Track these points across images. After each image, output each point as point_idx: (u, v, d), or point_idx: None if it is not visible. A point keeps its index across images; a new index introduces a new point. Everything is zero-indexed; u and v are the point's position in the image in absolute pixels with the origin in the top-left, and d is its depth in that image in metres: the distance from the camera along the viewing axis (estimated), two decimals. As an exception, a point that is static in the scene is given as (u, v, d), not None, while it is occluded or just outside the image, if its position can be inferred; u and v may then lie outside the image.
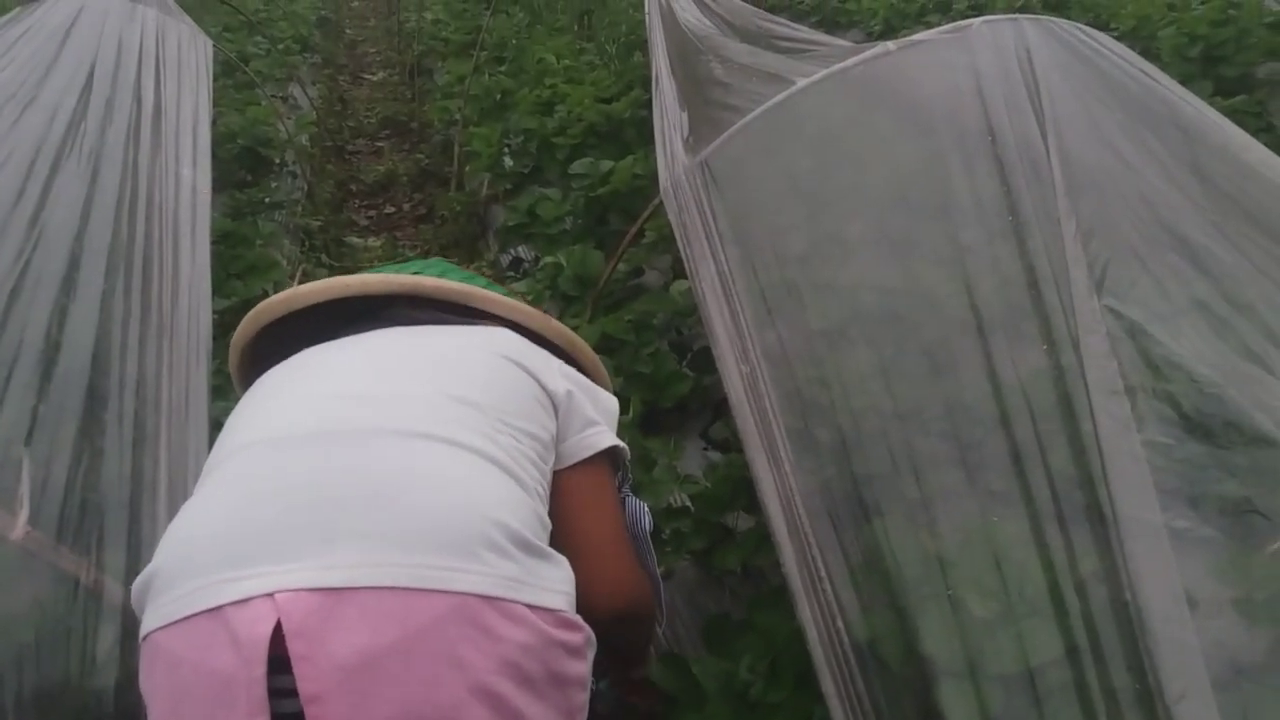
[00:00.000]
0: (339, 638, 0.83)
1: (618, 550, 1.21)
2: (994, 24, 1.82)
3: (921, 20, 5.38)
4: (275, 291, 2.95)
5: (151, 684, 0.91)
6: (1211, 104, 3.34)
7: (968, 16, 4.94)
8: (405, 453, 0.96)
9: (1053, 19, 1.86)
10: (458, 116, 4.34)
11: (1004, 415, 1.27)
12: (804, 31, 3.13)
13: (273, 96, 4.90)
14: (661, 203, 2.01)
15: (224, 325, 2.33)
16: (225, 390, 2.19)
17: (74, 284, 1.87)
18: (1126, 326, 1.29)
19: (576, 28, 5.44)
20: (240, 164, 3.99)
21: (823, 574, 1.20)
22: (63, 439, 1.54)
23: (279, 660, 0.84)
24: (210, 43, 3.19)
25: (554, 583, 0.97)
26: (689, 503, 1.58)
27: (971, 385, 1.33)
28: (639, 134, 3.35)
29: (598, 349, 2.07)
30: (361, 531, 0.89)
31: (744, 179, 1.95)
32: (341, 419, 1.01)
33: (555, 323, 1.36)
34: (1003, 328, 1.37)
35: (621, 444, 1.24)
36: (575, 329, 2.20)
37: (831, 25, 6.13)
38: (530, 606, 0.91)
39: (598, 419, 1.21)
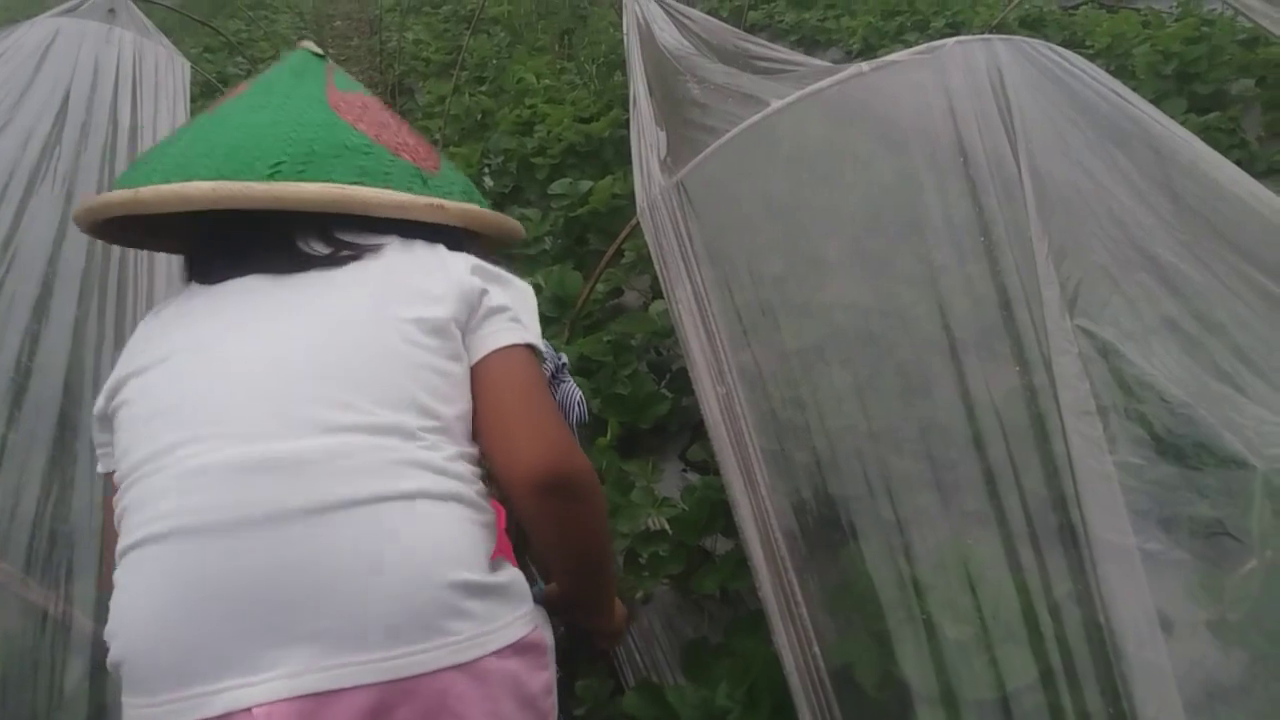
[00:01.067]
0: None
1: (541, 417, 1.03)
2: (966, 44, 1.83)
3: (899, 39, 5.43)
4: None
5: None
6: (1186, 120, 3.39)
7: (944, 35, 4.99)
8: (341, 533, 0.89)
9: (1025, 39, 1.87)
10: (438, 136, 4.33)
11: (977, 436, 1.27)
12: (781, 51, 3.15)
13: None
14: (639, 223, 2.01)
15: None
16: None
17: (46, 309, 1.85)
18: (1098, 346, 1.30)
19: (557, 47, 5.46)
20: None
21: (798, 598, 1.19)
22: (32, 468, 1.52)
23: None
24: (188, 65, 3.18)
25: (513, 612, 0.95)
26: (667, 526, 1.57)
27: (945, 406, 1.33)
28: (618, 154, 3.36)
29: (576, 370, 2.06)
30: (318, 632, 0.86)
31: (719, 200, 1.96)
32: (263, 500, 0.90)
33: (449, 206, 1.09)
34: (976, 348, 1.37)
35: (535, 342, 1.07)
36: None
37: (811, 44, 6.18)
38: (497, 653, 0.90)
39: (507, 307, 1.05)
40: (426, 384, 0.97)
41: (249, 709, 0.83)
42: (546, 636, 1.01)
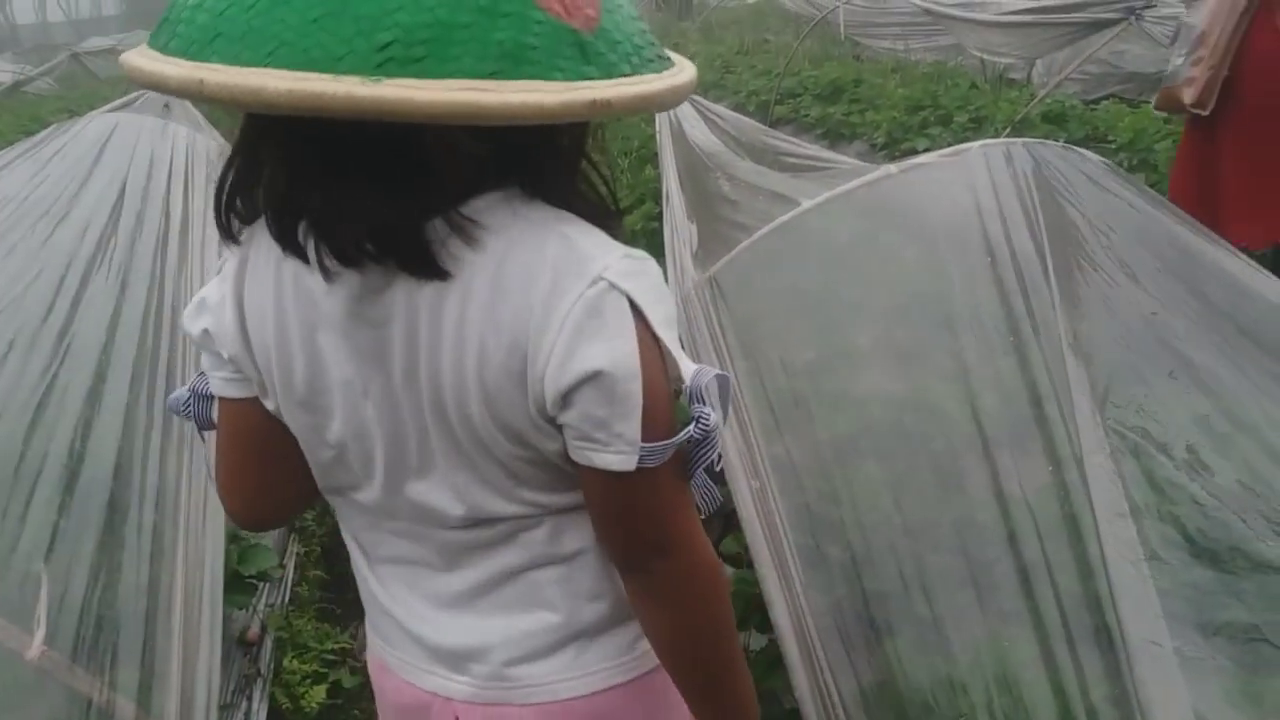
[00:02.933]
0: None
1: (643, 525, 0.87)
2: (991, 148, 1.89)
3: (923, 133, 5.54)
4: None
5: None
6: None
7: (968, 129, 5.10)
8: None
9: (1048, 142, 1.93)
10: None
11: (1012, 534, 1.28)
12: (808, 148, 3.24)
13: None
14: (672, 316, 2.06)
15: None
16: (241, 501, 2.22)
17: (99, 396, 1.91)
18: (1130, 446, 1.32)
19: (590, 141, 5.60)
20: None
21: (834, 697, 1.20)
22: (82, 554, 1.55)
23: None
24: (238, 159, 3.32)
25: None
26: (700, 621, 1.57)
27: (979, 503, 1.35)
28: (650, 246, 3.41)
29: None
30: None
31: (751, 294, 2.01)
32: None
33: (617, 101, 0.70)
34: (1008, 445, 1.39)
35: (630, 465, 0.79)
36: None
37: (836, 137, 6.31)
38: None
39: (608, 422, 0.78)
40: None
41: None
42: None
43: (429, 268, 0.74)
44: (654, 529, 0.85)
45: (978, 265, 1.66)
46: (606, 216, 0.83)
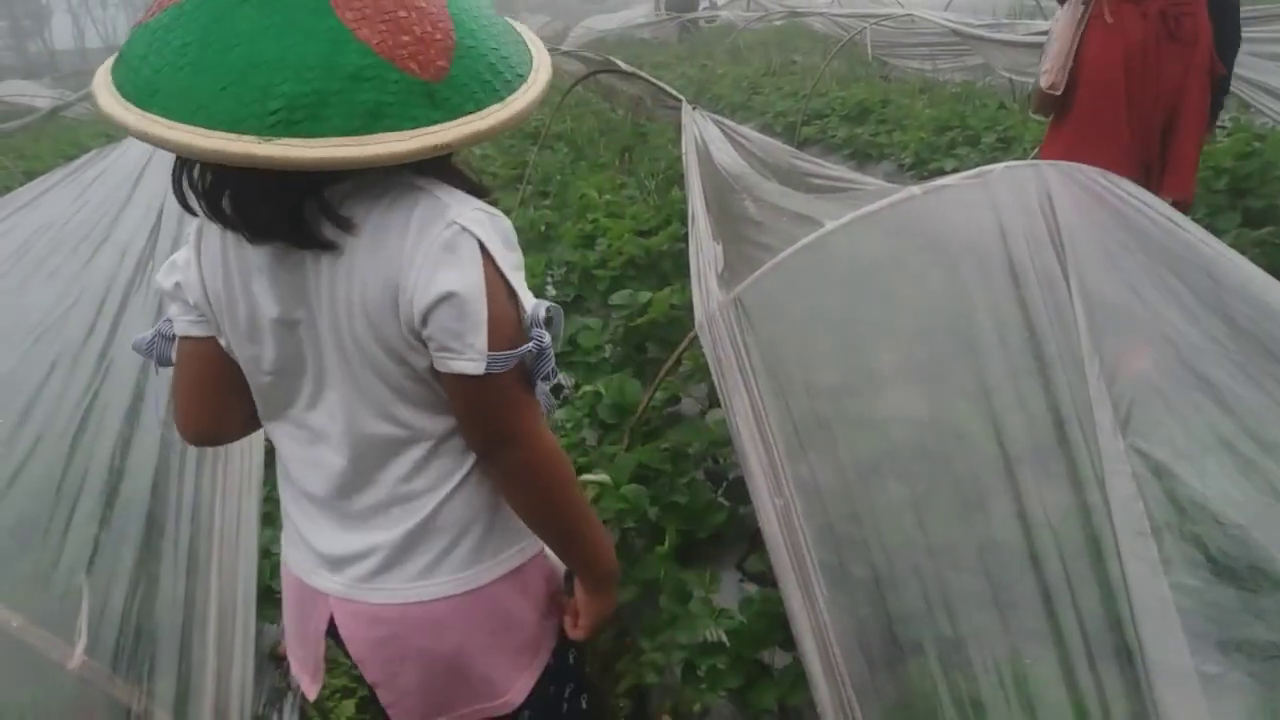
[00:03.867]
0: None
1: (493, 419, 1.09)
2: (1015, 169, 1.90)
3: (951, 153, 5.54)
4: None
5: None
6: (1239, 236, 3.41)
7: (996, 150, 5.10)
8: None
9: (1072, 164, 1.94)
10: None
11: (1034, 554, 1.29)
12: (834, 169, 3.25)
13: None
14: (697, 335, 2.08)
15: (273, 452, 2.41)
16: (274, 518, 2.26)
17: (137, 414, 1.96)
18: (1152, 466, 1.32)
19: (618, 163, 5.66)
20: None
21: (857, 715, 1.21)
22: (121, 567, 1.60)
23: None
24: (272, 181, 3.39)
25: None
26: (725, 638, 1.59)
27: (1001, 523, 1.36)
28: (676, 266, 3.47)
29: (634, 479, 2.11)
30: None
31: (776, 315, 2.02)
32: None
33: (453, 138, 0.95)
34: (1030, 467, 1.40)
35: (484, 370, 1.02)
36: (612, 458, 2.26)
37: (863, 158, 6.32)
38: None
39: (466, 329, 1.01)
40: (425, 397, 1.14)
41: None
42: None
43: (310, 242, 0.99)
44: (503, 424, 1.08)
45: (1001, 287, 1.67)
46: (477, 191, 1.07)
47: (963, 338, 1.65)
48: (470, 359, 1.01)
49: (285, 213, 0.98)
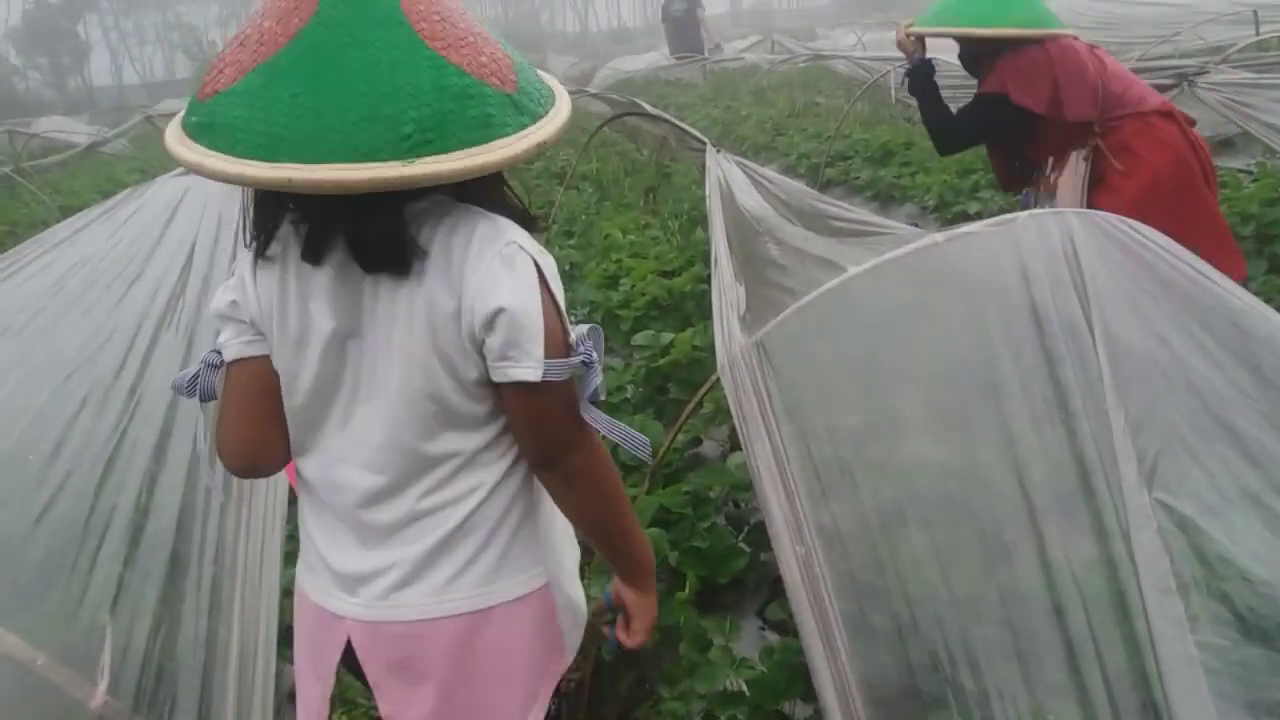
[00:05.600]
0: None
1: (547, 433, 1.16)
2: (1039, 217, 1.90)
3: (975, 196, 5.54)
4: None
5: None
6: (1266, 282, 3.39)
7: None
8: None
9: (1096, 213, 1.94)
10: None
11: (1058, 608, 1.28)
12: (857, 212, 3.27)
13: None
14: (719, 378, 2.09)
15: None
16: (296, 557, 2.27)
17: (164, 452, 1.98)
18: (1177, 520, 1.31)
19: (642, 203, 5.71)
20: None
21: (878, 770, 1.20)
22: (145, 606, 1.61)
23: None
24: (301, 221, 3.44)
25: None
26: (745, 688, 1.58)
27: (1026, 576, 1.35)
28: (699, 307, 3.48)
29: (655, 521, 2.11)
30: None
31: (798, 359, 2.03)
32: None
33: (549, 139, 1.09)
34: (1054, 518, 1.39)
35: (541, 377, 1.09)
36: (634, 501, 2.25)
37: (886, 199, 6.33)
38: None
39: (524, 340, 1.09)
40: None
41: None
42: None
43: (401, 269, 1.09)
44: (560, 430, 1.14)
45: (1025, 334, 1.67)
46: (525, 220, 1.16)
47: (986, 386, 1.65)
48: (528, 366, 1.08)
49: (395, 242, 1.08)
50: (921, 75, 3.21)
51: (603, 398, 1.19)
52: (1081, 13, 11.80)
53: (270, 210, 1.13)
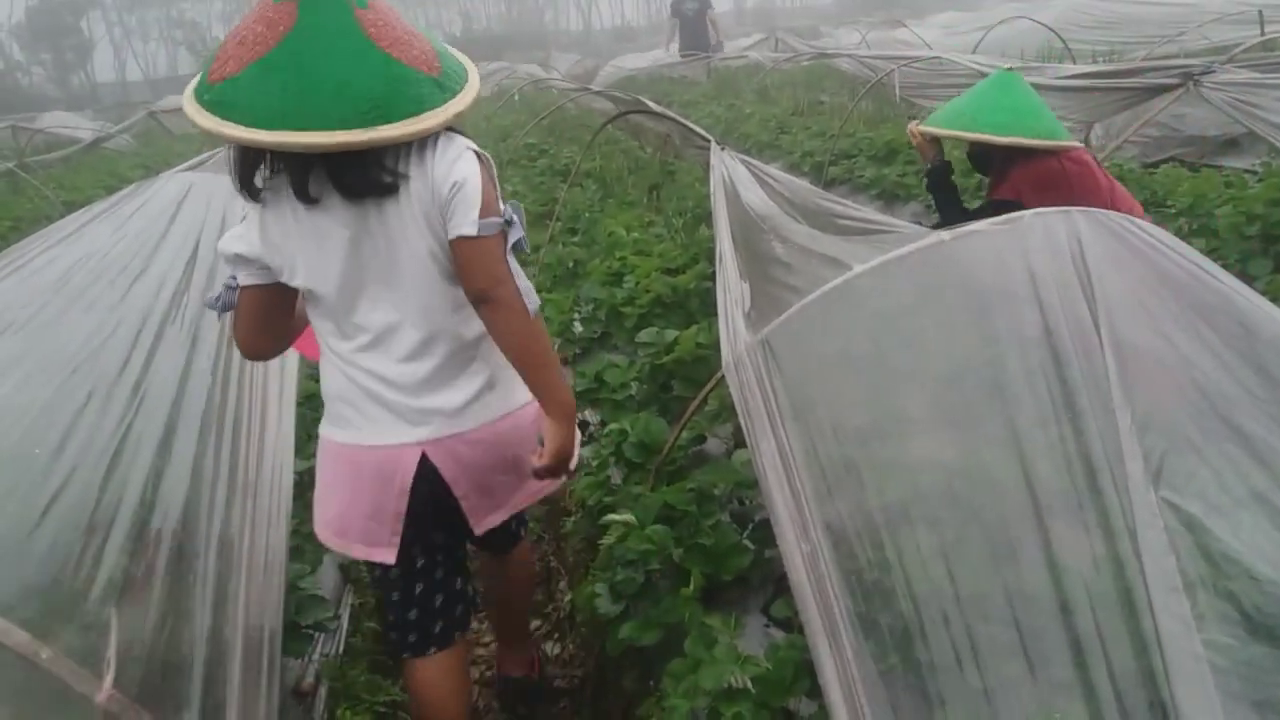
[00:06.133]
0: None
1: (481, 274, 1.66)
2: (1045, 216, 1.90)
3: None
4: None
5: None
6: (1271, 282, 3.38)
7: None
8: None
9: (1104, 211, 1.93)
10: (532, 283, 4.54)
11: (1064, 606, 1.28)
12: (862, 211, 3.26)
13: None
14: (724, 376, 2.09)
15: (303, 486, 2.43)
16: (303, 552, 2.27)
17: (169, 447, 1.98)
18: (1184, 520, 1.31)
19: (645, 200, 5.70)
20: (324, 326, 4.20)
21: (884, 768, 1.19)
22: (150, 600, 1.61)
23: None
24: (305, 217, 3.44)
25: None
26: (750, 685, 1.58)
27: (1032, 575, 1.34)
28: (703, 305, 3.48)
29: (659, 519, 2.11)
30: None
31: (804, 357, 2.02)
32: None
33: (464, 109, 1.62)
34: (1061, 517, 1.38)
35: (477, 231, 1.62)
36: (638, 498, 2.26)
37: (890, 198, 6.32)
38: None
39: (468, 206, 1.62)
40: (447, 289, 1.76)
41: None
42: None
43: (385, 194, 1.62)
44: (491, 269, 1.64)
45: (1031, 333, 1.67)
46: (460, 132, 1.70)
47: (992, 384, 1.65)
48: (469, 224, 1.61)
49: (374, 178, 1.58)
50: (940, 176, 3.33)
51: (526, 250, 1.73)
52: (1085, 11, 11.81)
53: (250, 165, 1.62)
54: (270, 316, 1.76)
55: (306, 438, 2.79)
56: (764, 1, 53.93)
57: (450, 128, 1.65)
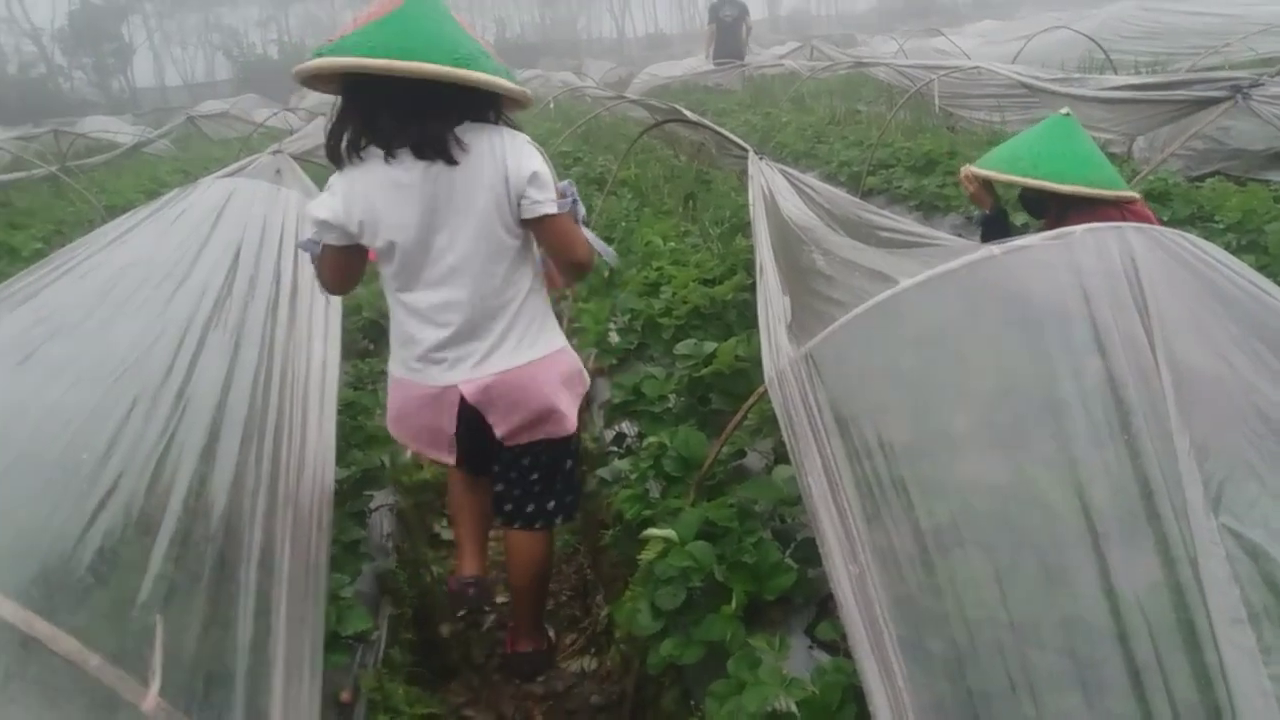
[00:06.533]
0: None
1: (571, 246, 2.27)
2: (1098, 232, 1.86)
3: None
4: (391, 464, 3.08)
5: None
6: (1325, 301, 3.30)
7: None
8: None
9: (1157, 228, 1.89)
10: (568, 292, 4.54)
11: (1123, 636, 1.24)
12: (903, 223, 3.22)
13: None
14: (766, 390, 2.06)
15: (342, 495, 2.43)
16: (340, 561, 2.27)
17: (213, 454, 1.99)
18: (1246, 547, 1.27)
19: (681, 210, 5.69)
20: (365, 334, 4.22)
21: (937, 798, 1.17)
22: (194, 608, 1.61)
23: None
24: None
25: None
26: (795, 709, 1.55)
27: (1088, 602, 1.31)
28: (741, 316, 3.46)
29: (700, 535, 2.10)
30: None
31: (849, 373, 2.00)
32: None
33: (530, 92, 2.18)
34: (1118, 542, 1.35)
35: (554, 209, 2.18)
36: (677, 513, 2.24)
37: (930, 209, 6.27)
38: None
39: (543, 187, 2.16)
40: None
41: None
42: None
43: (448, 157, 2.08)
44: (573, 240, 2.23)
45: (1084, 353, 1.63)
46: (518, 129, 2.20)
47: (1045, 403, 1.61)
48: (549, 204, 2.15)
49: (444, 141, 2.06)
50: (997, 226, 3.30)
51: (588, 219, 2.34)
52: (1129, 21, 11.66)
53: (338, 134, 2.12)
54: (348, 268, 2.28)
55: (346, 446, 2.80)
56: (798, 10, 53.81)
57: (508, 123, 2.19)
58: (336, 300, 3.01)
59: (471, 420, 2.30)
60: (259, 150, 4.66)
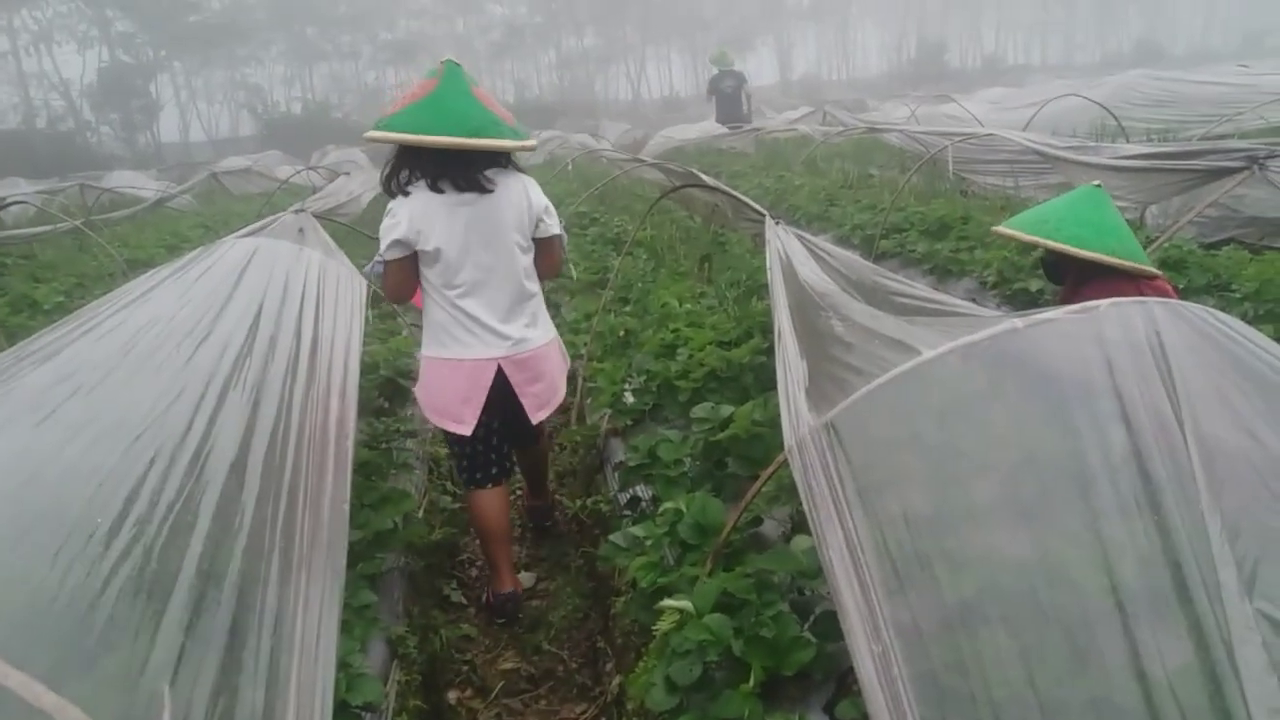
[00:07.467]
0: None
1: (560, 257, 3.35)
2: (1121, 306, 1.85)
3: (1036, 273, 5.47)
4: (403, 525, 3.06)
5: None
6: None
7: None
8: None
9: (1181, 302, 1.89)
10: (583, 352, 4.54)
11: (1156, 722, 1.21)
12: (919, 288, 3.22)
13: (412, 325, 5.24)
14: (785, 458, 2.04)
15: (355, 556, 2.41)
16: (350, 625, 2.24)
17: (229, 517, 1.97)
18: (1285, 633, 1.24)
19: (697, 271, 5.71)
20: (380, 392, 4.23)
21: None
22: (204, 676, 1.58)
23: None
24: (365, 283, 3.47)
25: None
26: (817, 790, 1.51)
27: (1119, 687, 1.28)
28: (758, 380, 3.44)
29: (716, 606, 2.06)
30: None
31: (871, 443, 1.98)
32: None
33: (530, 144, 3.00)
34: (1149, 626, 1.32)
35: (560, 230, 3.28)
36: (693, 581, 2.21)
37: (944, 274, 6.28)
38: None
39: (552, 216, 3.23)
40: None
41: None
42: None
43: (481, 190, 3.04)
44: (560, 257, 3.38)
45: (1111, 427, 1.62)
46: (521, 170, 3.26)
47: (1072, 478, 1.59)
48: (555, 226, 3.22)
49: (476, 179, 2.98)
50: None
51: (563, 234, 3.37)
52: (1137, 89, 11.78)
53: (400, 169, 3.02)
54: (408, 276, 3.08)
55: (359, 506, 2.78)
56: (810, 75, 54.61)
57: (515, 165, 3.15)
58: (355, 358, 3.02)
59: (494, 395, 3.10)
60: (281, 207, 4.73)
